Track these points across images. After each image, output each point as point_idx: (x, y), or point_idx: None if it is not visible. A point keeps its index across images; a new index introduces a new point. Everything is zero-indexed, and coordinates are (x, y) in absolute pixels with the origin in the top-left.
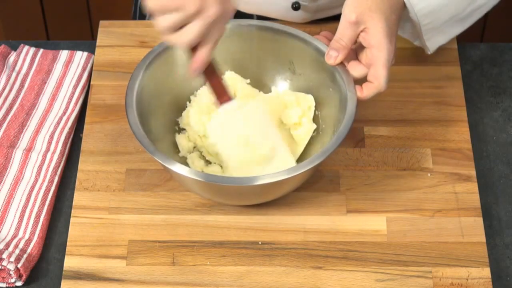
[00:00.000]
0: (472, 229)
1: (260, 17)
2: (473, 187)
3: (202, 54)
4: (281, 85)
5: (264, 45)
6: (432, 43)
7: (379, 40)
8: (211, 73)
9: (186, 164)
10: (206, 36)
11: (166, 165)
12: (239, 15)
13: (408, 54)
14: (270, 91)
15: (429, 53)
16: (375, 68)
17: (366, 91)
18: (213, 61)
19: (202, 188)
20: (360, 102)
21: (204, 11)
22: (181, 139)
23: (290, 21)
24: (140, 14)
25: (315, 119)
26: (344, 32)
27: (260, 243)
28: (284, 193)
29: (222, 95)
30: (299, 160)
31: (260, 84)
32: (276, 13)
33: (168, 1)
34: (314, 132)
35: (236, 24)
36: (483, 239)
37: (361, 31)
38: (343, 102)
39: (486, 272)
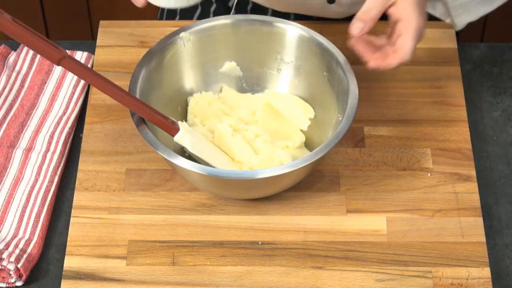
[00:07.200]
0: (472, 229)
1: (297, 16)
2: (473, 187)
3: None
4: (274, 76)
5: (250, 38)
6: (460, 20)
7: (408, 13)
8: (147, 115)
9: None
10: None
11: (170, 159)
12: (276, 15)
13: None
14: (266, 83)
15: (456, 29)
16: (403, 38)
17: (390, 60)
18: (142, 102)
19: (204, 181)
20: (360, 102)
21: None
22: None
23: (326, 18)
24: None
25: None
26: (374, 3)
27: (260, 243)
28: (285, 187)
29: (169, 128)
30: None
31: (253, 76)
32: (312, 10)
33: None
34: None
35: (224, 20)
36: (483, 239)
37: (390, 5)
38: (345, 89)
39: (486, 272)
